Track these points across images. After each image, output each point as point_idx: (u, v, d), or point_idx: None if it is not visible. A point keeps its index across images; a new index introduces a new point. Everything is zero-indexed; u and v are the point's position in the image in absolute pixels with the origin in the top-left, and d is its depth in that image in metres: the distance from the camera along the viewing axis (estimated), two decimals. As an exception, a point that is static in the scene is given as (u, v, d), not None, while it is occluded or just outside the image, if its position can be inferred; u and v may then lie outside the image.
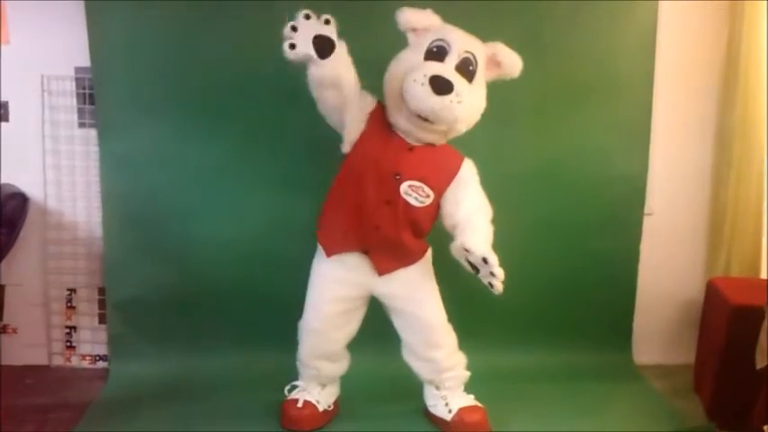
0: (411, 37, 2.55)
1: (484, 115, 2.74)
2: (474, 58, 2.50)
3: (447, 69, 2.42)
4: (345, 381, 2.85)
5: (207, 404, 2.93)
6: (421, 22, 2.53)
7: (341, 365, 2.81)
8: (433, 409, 2.79)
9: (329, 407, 2.81)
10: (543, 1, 3.09)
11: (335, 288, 2.66)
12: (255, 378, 3.05)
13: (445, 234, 2.66)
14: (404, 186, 2.52)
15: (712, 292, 3.03)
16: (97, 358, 3.35)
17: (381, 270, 2.63)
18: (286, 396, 2.80)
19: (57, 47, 3.12)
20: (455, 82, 2.38)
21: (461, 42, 2.49)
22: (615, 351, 3.35)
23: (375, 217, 2.54)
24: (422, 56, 2.47)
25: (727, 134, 3.21)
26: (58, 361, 3.35)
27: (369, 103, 2.55)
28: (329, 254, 2.63)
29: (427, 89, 2.35)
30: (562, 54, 3.14)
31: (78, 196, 3.24)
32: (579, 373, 3.20)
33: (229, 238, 3.17)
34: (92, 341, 3.35)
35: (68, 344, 3.35)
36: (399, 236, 2.57)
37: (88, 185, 3.22)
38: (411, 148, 2.54)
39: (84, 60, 3.08)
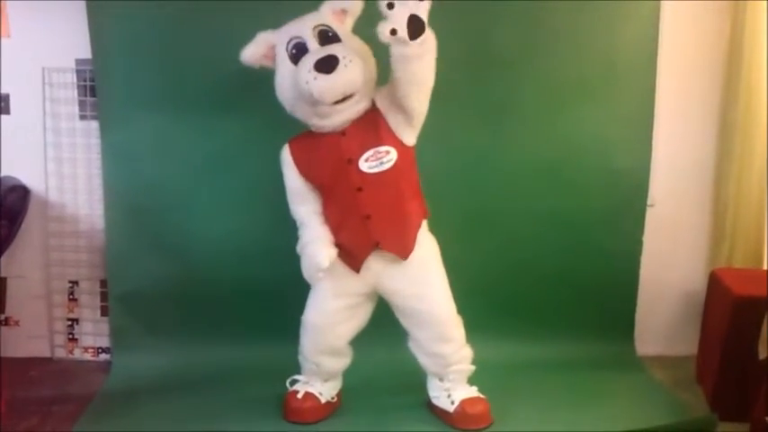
0: (270, 62, 2.60)
1: (487, 108, 2.75)
2: (325, 25, 2.53)
3: (316, 52, 2.45)
4: (348, 372, 2.84)
5: (209, 396, 2.94)
6: (260, 50, 2.59)
7: (343, 361, 2.80)
8: (435, 401, 2.79)
9: (332, 398, 2.81)
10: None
11: (339, 283, 2.65)
12: (258, 370, 3.05)
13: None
14: (362, 165, 2.51)
15: (715, 283, 3.02)
16: (99, 350, 3.36)
17: (403, 255, 2.60)
18: (288, 389, 2.81)
19: (57, 39, 3.12)
20: (332, 51, 2.41)
21: (305, 25, 2.53)
22: (617, 342, 3.34)
23: (358, 208, 2.55)
24: (290, 63, 2.50)
25: (730, 126, 3.19)
26: (60, 353, 3.35)
27: (286, 155, 2.63)
28: (357, 269, 2.61)
29: (321, 77, 2.38)
30: (565, 48, 3.12)
31: (80, 189, 3.24)
32: (581, 364, 3.19)
33: (231, 231, 3.16)
34: (94, 333, 3.35)
35: (71, 336, 3.35)
36: (393, 213, 2.57)
37: (89, 178, 3.23)
38: (343, 132, 2.54)
39: (85, 52, 3.08)
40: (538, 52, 3.11)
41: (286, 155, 2.63)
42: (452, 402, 2.72)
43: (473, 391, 2.76)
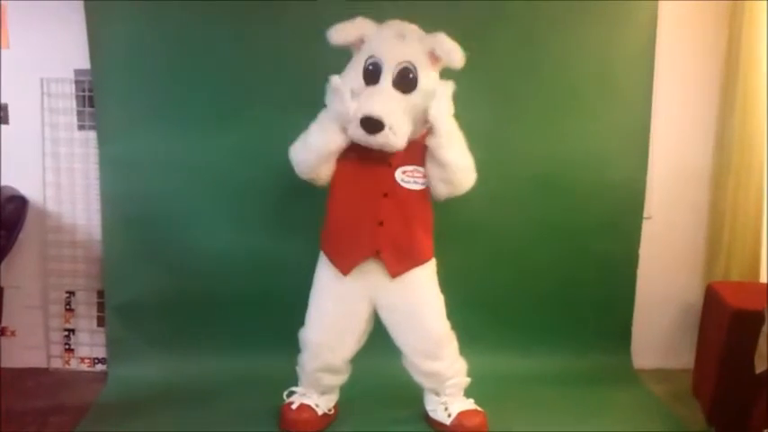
0: (353, 50, 2.59)
1: (484, 119, 2.74)
2: (412, 65, 2.51)
3: (380, 96, 2.46)
4: (345, 384, 2.83)
5: (205, 407, 2.93)
6: (352, 35, 2.56)
7: (341, 378, 2.80)
8: (432, 414, 2.78)
9: (329, 410, 2.80)
10: (542, 2, 3.08)
11: (339, 301, 2.66)
12: (254, 382, 3.04)
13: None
14: (398, 174, 2.56)
15: (711, 297, 3.02)
16: (96, 361, 3.35)
17: (393, 271, 2.61)
18: (285, 400, 2.80)
19: (56, 49, 3.12)
20: (384, 116, 2.40)
21: (394, 55, 2.51)
22: (614, 355, 3.35)
23: (376, 212, 2.56)
24: (361, 75, 2.52)
25: (727, 138, 3.21)
26: (56, 364, 3.34)
27: None
28: (346, 271, 2.61)
29: (362, 131, 2.43)
30: (561, 58, 3.14)
31: (78, 199, 3.24)
32: (578, 376, 3.20)
33: (229, 242, 3.17)
34: (90, 344, 3.34)
35: (67, 347, 3.34)
36: (406, 229, 2.59)
37: (87, 188, 3.23)
38: None
39: (84, 62, 3.09)
40: (535, 65, 3.12)
41: None
42: (449, 415, 2.72)
43: (470, 404, 2.76)
